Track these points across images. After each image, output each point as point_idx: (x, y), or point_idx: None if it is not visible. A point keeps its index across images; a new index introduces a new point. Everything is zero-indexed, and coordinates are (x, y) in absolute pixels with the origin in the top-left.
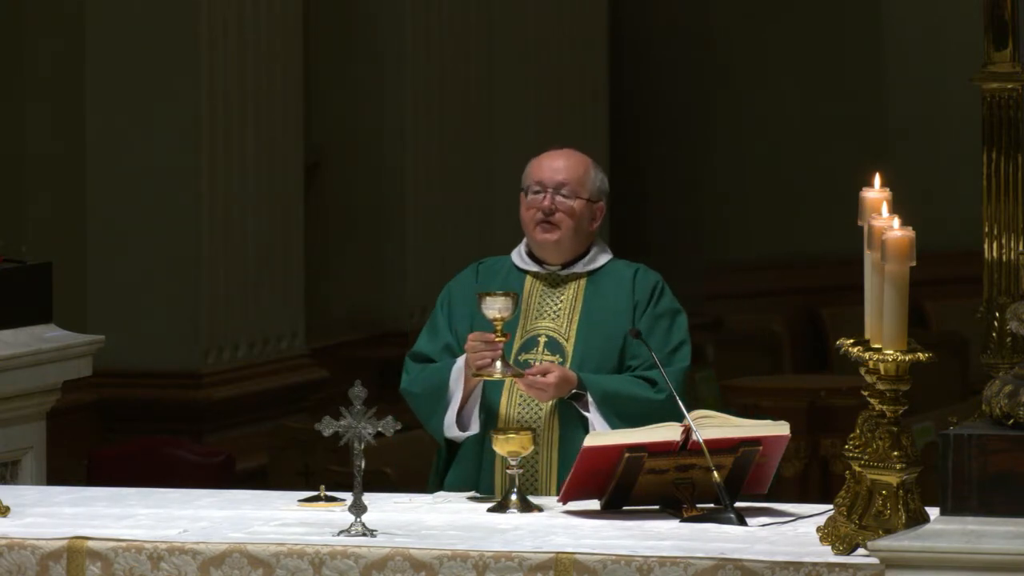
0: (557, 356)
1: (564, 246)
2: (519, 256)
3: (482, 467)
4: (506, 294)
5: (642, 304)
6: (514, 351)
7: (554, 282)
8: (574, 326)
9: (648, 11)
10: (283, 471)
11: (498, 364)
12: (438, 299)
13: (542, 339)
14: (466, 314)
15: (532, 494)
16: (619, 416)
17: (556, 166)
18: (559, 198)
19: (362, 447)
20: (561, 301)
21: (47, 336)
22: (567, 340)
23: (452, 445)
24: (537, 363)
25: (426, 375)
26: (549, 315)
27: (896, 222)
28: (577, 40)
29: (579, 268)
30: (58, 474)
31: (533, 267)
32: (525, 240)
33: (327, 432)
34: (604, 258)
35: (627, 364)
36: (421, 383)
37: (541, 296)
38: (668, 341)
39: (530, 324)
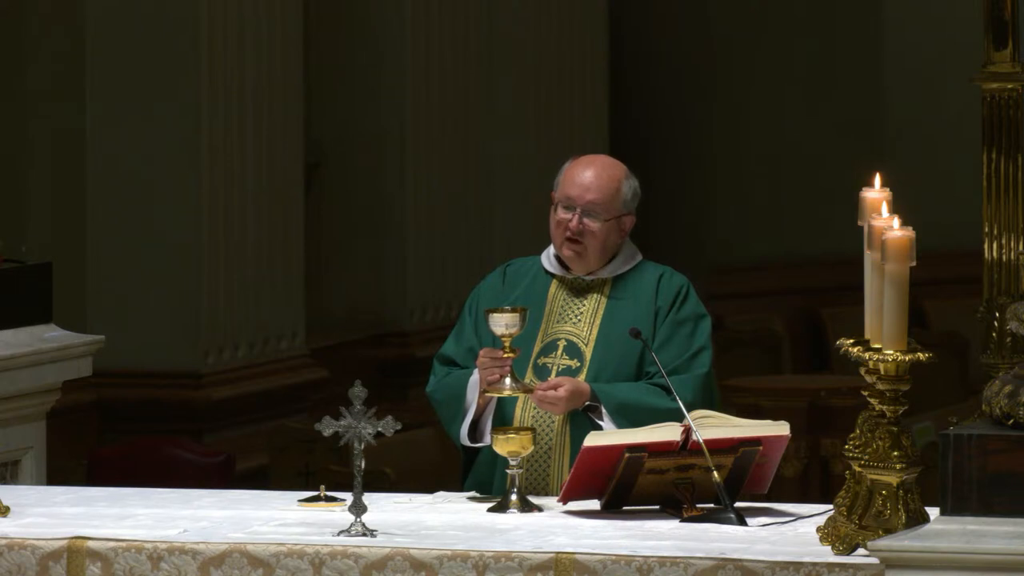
0: (575, 360)
1: (589, 262)
2: (547, 259)
3: (495, 475)
4: (514, 310)
5: (664, 309)
6: (534, 354)
7: (579, 286)
8: (595, 331)
9: (648, 13)
10: (283, 471)
11: (507, 380)
12: (466, 301)
13: (561, 343)
14: None
15: (542, 497)
16: (634, 426)
17: (587, 183)
18: (587, 220)
19: (362, 447)
20: (584, 305)
21: (47, 336)
22: (587, 345)
23: (471, 450)
24: (555, 367)
25: (447, 382)
26: (571, 319)
27: (896, 222)
28: (577, 41)
29: (605, 273)
30: (58, 474)
31: (559, 271)
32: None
33: (327, 432)
34: (632, 262)
35: (646, 370)
36: (442, 390)
37: (565, 300)
38: (688, 347)
39: (552, 328)
